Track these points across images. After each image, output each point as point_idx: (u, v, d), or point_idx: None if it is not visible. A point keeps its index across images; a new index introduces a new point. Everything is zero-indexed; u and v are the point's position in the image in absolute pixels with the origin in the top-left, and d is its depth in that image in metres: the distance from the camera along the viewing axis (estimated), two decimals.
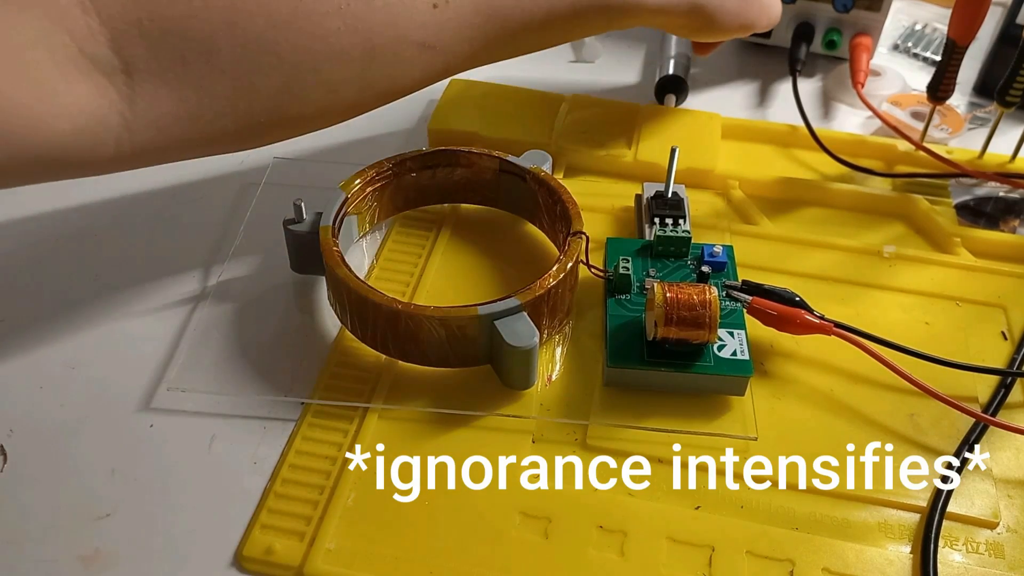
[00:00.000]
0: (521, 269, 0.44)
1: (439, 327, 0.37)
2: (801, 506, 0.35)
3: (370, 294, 0.37)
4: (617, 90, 0.59)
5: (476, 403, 0.38)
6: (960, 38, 0.48)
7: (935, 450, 0.37)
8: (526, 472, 0.36)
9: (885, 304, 0.44)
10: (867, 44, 0.58)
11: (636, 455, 0.37)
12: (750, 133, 0.54)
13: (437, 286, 0.44)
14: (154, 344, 0.41)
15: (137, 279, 0.44)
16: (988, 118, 0.57)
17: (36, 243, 0.46)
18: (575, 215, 0.41)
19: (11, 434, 0.37)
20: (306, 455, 0.36)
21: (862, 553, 0.34)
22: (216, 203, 0.49)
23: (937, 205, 0.49)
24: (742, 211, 0.49)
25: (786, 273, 0.45)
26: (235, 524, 0.34)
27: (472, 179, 0.46)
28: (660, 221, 0.45)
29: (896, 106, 0.57)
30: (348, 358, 0.40)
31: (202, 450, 0.37)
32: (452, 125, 0.52)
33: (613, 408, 0.38)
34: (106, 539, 0.34)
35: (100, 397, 0.39)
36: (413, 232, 0.46)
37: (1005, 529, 0.35)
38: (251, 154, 0.52)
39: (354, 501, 0.35)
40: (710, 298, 0.37)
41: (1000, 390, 0.40)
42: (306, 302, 0.43)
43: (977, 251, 0.46)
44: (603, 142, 0.51)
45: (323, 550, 0.33)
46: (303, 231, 0.41)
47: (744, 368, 0.38)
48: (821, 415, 0.39)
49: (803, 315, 0.38)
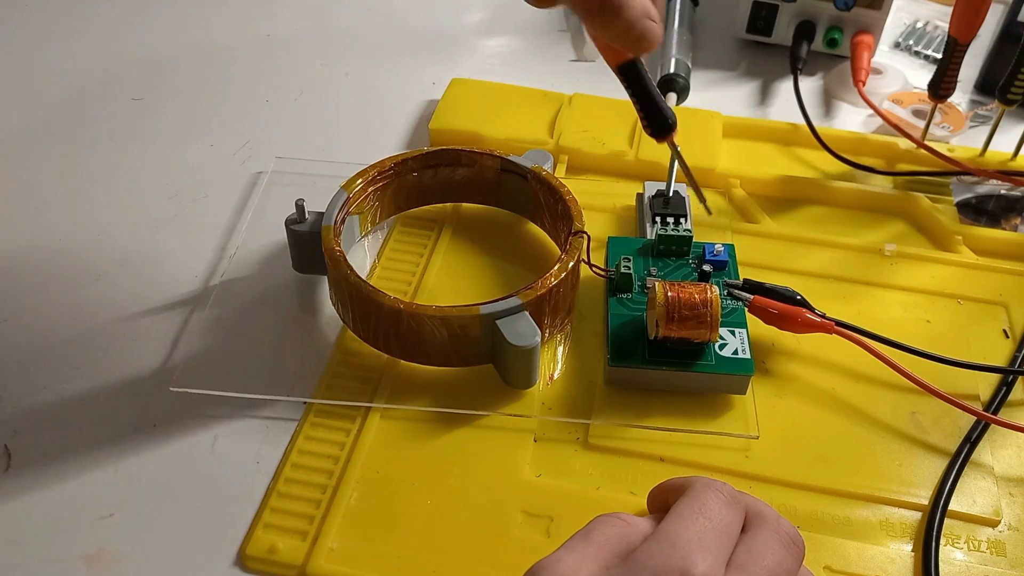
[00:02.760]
0: (522, 268, 0.45)
1: (441, 326, 0.37)
2: (803, 504, 0.35)
3: (372, 293, 0.37)
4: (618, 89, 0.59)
5: (478, 402, 0.38)
6: (961, 36, 0.48)
7: (936, 448, 0.37)
8: (528, 471, 0.36)
9: (887, 302, 0.44)
10: (868, 42, 0.58)
11: (638, 454, 0.37)
12: (751, 131, 0.54)
13: (439, 285, 0.44)
14: (157, 344, 0.41)
15: (140, 279, 0.44)
16: (989, 116, 0.57)
17: (39, 244, 0.46)
18: (576, 214, 0.41)
19: (15, 434, 0.37)
20: (309, 454, 0.36)
21: (864, 551, 0.34)
22: (218, 203, 0.49)
23: (938, 203, 0.49)
24: (743, 209, 0.49)
25: (787, 271, 0.45)
26: (238, 523, 0.34)
27: (473, 178, 0.46)
28: (661, 220, 0.45)
29: (897, 104, 0.57)
30: (350, 357, 0.40)
31: (205, 450, 0.37)
32: (453, 125, 0.52)
33: (615, 407, 0.38)
34: (110, 539, 0.34)
35: (103, 397, 0.39)
36: (415, 231, 0.47)
37: (1007, 527, 0.35)
38: (253, 154, 0.52)
39: (356, 500, 0.35)
40: (711, 297, 0.37)
41: (1001, 388, 0.40)
42: (308, 301, 0.43)
43: (978, 249, 0.46)
44: (604, 141, 0.51)
45: (326, 549, 0.33)
46: (305, 230, 0.41)
47: (745, 367, 0.38)
48: (822, 413, 0.39)
49: (804, 314, 0.38)
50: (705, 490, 0.28)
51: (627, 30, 0.34)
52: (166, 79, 0.58)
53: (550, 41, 0.64)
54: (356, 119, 0.56)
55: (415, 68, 0.60)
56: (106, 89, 0.57)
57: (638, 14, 0.34)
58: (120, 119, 0.55)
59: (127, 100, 0.56)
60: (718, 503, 0.27)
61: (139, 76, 0.59)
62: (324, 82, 0.59)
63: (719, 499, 0.27)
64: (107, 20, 0.64)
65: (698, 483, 0.28)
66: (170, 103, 0.56)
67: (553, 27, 0.65)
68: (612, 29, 0.35)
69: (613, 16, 0.34)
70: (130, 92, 0.57)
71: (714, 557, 0.25)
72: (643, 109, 0.40)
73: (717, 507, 0.27)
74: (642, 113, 0.40)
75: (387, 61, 0.61)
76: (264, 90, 0.58)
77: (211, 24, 0.64)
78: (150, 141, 0.53)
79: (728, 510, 0.27)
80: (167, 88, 0.58)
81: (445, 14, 0.67)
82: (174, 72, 0.59)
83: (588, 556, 0.25)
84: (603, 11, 0.34)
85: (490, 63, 0.61)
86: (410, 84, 0.58)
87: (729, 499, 0.27)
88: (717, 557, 0.25)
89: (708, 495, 0.27)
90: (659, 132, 0.40)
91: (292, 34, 0.64)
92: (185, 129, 0.54)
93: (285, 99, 0.57)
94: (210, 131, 0.54)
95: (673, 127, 0.40)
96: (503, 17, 0.67)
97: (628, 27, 0.34)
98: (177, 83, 0.58)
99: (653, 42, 0.35)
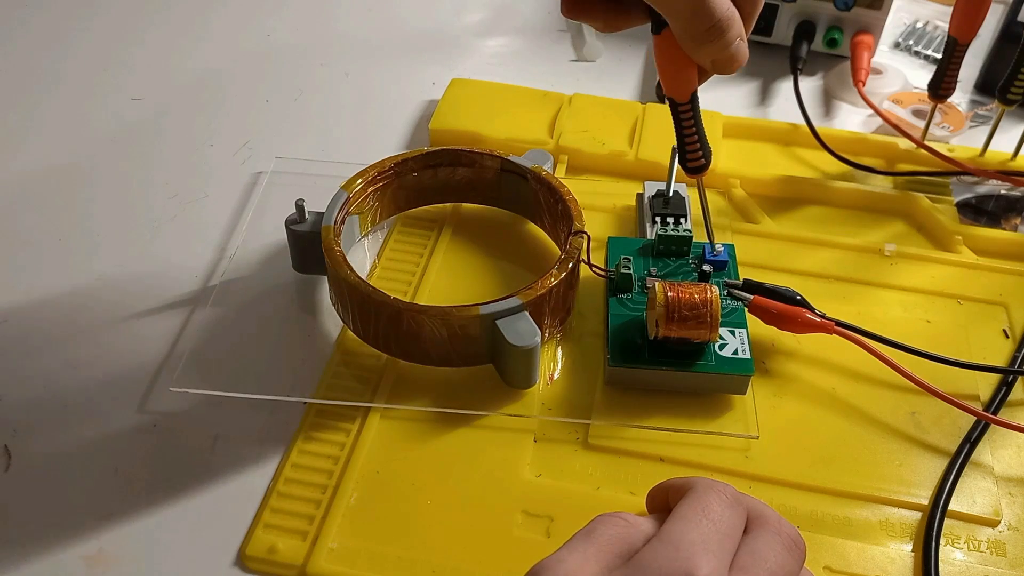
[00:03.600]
0: (522, 268, 0.45)
1: (441, 326, 0.37)
2: (803, 504, 0.35)
3: (372, 293, 0.37)
4: (618, 89, 0.59)
5: (478, 402, 0.38)
6: (961, 36, 0.48)
7: (936, 448, 0.37)
8: (528, 471, 0.36)
9: (887, 302, 0.44)
10: (868, 42, 0.58)
11: (638, 454, 0.37)
12: (751, 131, 0.54)
13: (439, 285, 0.44)
14: (157, 344, 0.41)
15: (140, 279, 0.44)
16: (989, 116, 0.57)
17: (39, 244, 0.46)
18: (576, 214, 0.41)
19: (15, 434, 0.37)
20: (309, 454, 0.36)
21: (864, 551, 0.34)
22: (218, 203, 0.49)
23: (938, 203, 0.49)
24: (743, 210, 0.49)
25: (787, 271, 0.45)
26: (238, 523, 0.34)
27: (474, 178, 0.46)
28: (661, 220, 0.45)
29: (897, 104, 0.57)
30: (350, 357, 0.40)
31: (205, 449, 0.37)
32: (453, 125, 0.52)
33: (614, 407, 0.38)
34: (110, 539, 0.34)
35: (103, 397, 0.39)
36: (415, 231, 0.47)
37: (1006, 527, 0.35)
38: (253, 154, 0.52)
39: (356, 500, 0.35)
40: (711, 297, 0.37)
41: (1001, 388, 0.40)
42: (308, 302, 0.43)
43: (978, 249, 0.46)
44: (604, 141, 0.51)
45: (326, 549, 0.33)
46: (305, 230, 0.41)
47: (745, 367, 0.38)
48: (822, 413, 0.39)
49: (804, 314, 0.38)
50: (708, 491, 0.27)
51: (724, 50, 0.35)
52: (166, 79, 0.58)
53: (550, 41, 0.64)
54: (356, 119, 0.56)
55: (415, 68, 0.60)
56: (106, 89, 0.57)
57: (736, 33, 0.35)
58: (120, 119, 0.55)
59: (127, 100, 0.56)
60: (721, 505, 0.27)
61: (139, 76, 0.59)
62: (324, 82, 0.59)
63: (722, 501, 0.27)
64: (107, 20, 0.64)
65: (700, 484, 0.28)
66: (170, 103, 0.56)
67: (553, 27, 0.66)
68: (712, 50, 0.35)
69: (717, 37, 0.34)
70: (130, 92, 0.57)
71: (718, 560, 0.25)
72: (689, 144, 0.38)
73: (720, 509, 0.27)
74: (688, 147, 0.38)
75: (387, 61, 0.61)
76: (264, 90, 0.58)
77: (211, 24, 0.64)
78: (150, 141, 0.53)
79: (731, 512, 0.27)
80: (167, 88, 0.58)
81: (445, 14, 0.67)
82: (174, 72, 0.59)
83: (590, 556, 0.25)
84: (709, 33, 0.34)
85: (490, 63, 0.62)
86: (410, 84, 0.58)
87: (732, 500, 0.27)
88: (721, 560, 0.25)
89: (711, 497, 0.27)
90: (698, 169, 0.39)
91: (292, 34, 0.64)
92: (185, 129, 0.54)
93: (285, 99, 0.57)
94: (210, 131, 0.54)
95: (708, 166, 0.39)
96: (503, 17, 0.67)
97: (726, 47, 0.35)
98: (177, 83, 0.58)
99: (742, 62, 0.36)
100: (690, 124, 0.38)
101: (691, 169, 0.39)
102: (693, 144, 0.38)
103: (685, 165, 0.39)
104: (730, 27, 0.34)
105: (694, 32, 0.34)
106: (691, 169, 0.39)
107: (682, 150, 0.39)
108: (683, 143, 0.39)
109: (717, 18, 0.33)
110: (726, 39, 0.34)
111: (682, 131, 0.38)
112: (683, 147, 0.39)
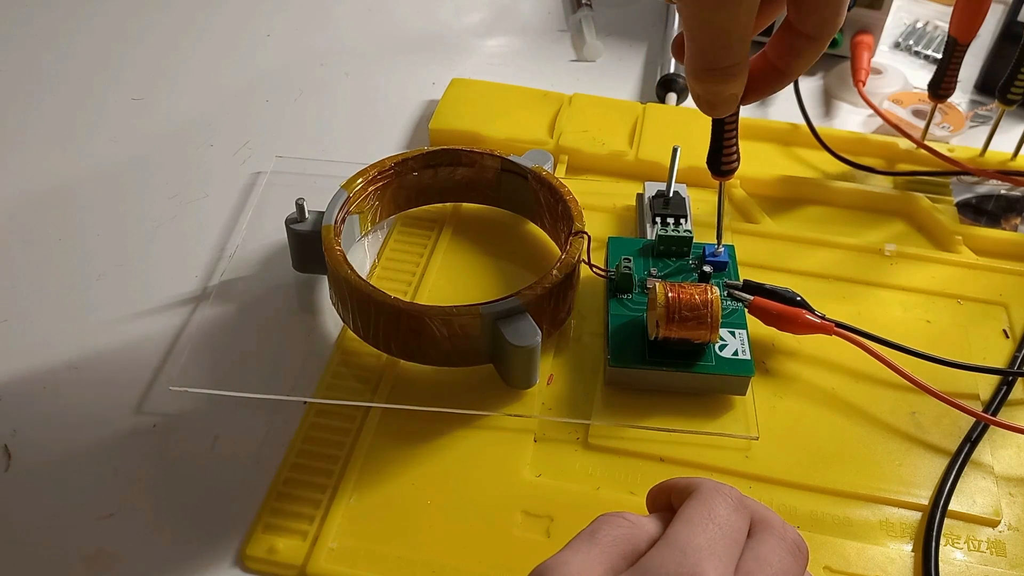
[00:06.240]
0: (523, 268, 0.45)
1: (441, 326, 0.37)
2: (803, 504, 0.35)
3: (372, 293, 0.37)
4: (618, 89, 0.59)
5: (478, 402, 0.38)
6: (961, 36, 0.48)
7: (936, 448, 0.38)
8: (528, 471, 0.36)
9: (887, 302, 0.44)
10: (868, 42, 0.58)
11: (638, 454, 0.37)
12: (751, 131, 0.54)
13: (439, 285, 0.44)
14: (157, 343, 0.41)
15: (140, 279, 0.44)
16: (989, 116, 0.57)
17: (39, 244, 0.46)
18: (576, 214, 0.41)
19: (14, 434, 0.37)
20: (309, 454, 0.36)
21: (864, 551, 0.34)
22: (218, 203, 0.49)
23: (938, 203, 0.49)
24: (743, 210, 0.49)
25: (787, 272, 0.45)
26: (238, 523, 0.34)
27: (474, 178, 0.46)
28: (662, 220, 0.45)
29: (897, 104, 0.57)
30: (350, 357, 0.40)
31: (205, 449, 0.37)
32: (454, 124, 0.52)
33: (615, 407, 0.38)
34: (109, 539, 0.34)
35: (103, 397, 0.39)
36: (415, 231, 0.47)
37: (1007, 527, 0.35)
38: (253, 153, 0.52)
39: (356, 500, 0.35)
40: (712, 298, 0.37)
41: (1001, 389, 0.40)
42: (308, 301, 0.43)
43: (979, 249, 0.46)
44: (604, 141, 0.51)
45: (326, 549, 0.33)
46: (305, 230, 0.41)
47: (745, 368, 0.38)
48: (822, 414, 0.39)
49: (804, 315, 0.38)
50: (713, 495, 0.27)
51: (714, 95, 0.34)
52: (166, 79, 0.58)
53: (550, 41, 0.64)
54: (356, 119, 0.56)
55: (415, 68, 0.60)
56: (106, 89, 0.57)
57: (733, 91, 0.34)
58: (120, 119, 0.55)
59: (127, 100, 0.56)
60: (727, 509, 0.27)
61: (139, 76, 0.59)
62: (324, 82, 0.59)
63: (727, 504, 0.27)
64: (107, 20, 0.64)
65: (705, 487, 0.28)
66: (170, 103, 0.56)
67: (553, 27, 0.66)
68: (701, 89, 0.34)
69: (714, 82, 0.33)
70: (130, 92, 0.57)
71: (724, 565, 0.25)
72: (727, 149, 0.38)
73: (726, 513, 0.27)
74: (725, 152, 0.38)
75: (387, 61, 0.61)
76: (264, 90, 0.58)
77: (211, 24, 0.64)
78: (150, 141, 0.53)
79: (736, 516, 0.27)
80: (167, 88, 0.58)
81: (445, 14, 0.67)
82: (174, 72, 0.59)
83: (594, 557, 0.25)
84: (709, 73, 0.33)
85: (490, 63, 0.61)
86: (410, 84, 0.58)
87: (737, 504, 0.27)
88: (727, 564, 0.25)
89: (717, 500, 0.27)
90: (729, 172, 0.39)
91: (292, 34, 0.64)
92: (185, 129, 0.54)
93: (285, 99, 0.57)
94: (210, 131, 0.54)
95: (737, 168, 0.39)
96: (503, 17, 0.67)
97: (717, 95, 0.34)
98: (177, 83, 0.58)
99: (721, 115, 0.35)
100: (732, 130, 0.38)
101: (723, 172, 0.39)
102: (731, 149, 0.38)
103: (718, 168, 0.39)
104: (732, 80, 0.33)
105: (695, 66, 0.33)
106: (723, 172, 0.39)
107: (717, 154, 0.38)
108: (720, 147, 0.38)
109: (724, 64, 0.32)
110: (720, 88, 0.33)
111: (722, 136, 0.38)
112: (719, 151, 0.38)
